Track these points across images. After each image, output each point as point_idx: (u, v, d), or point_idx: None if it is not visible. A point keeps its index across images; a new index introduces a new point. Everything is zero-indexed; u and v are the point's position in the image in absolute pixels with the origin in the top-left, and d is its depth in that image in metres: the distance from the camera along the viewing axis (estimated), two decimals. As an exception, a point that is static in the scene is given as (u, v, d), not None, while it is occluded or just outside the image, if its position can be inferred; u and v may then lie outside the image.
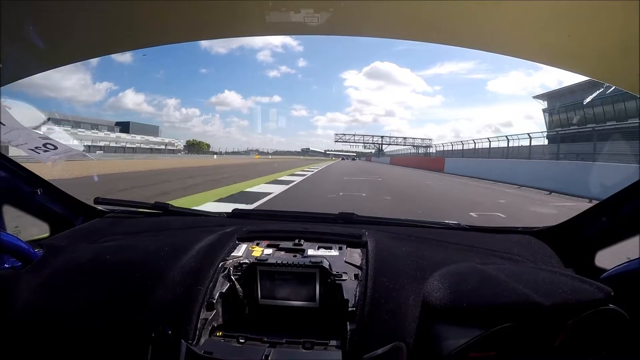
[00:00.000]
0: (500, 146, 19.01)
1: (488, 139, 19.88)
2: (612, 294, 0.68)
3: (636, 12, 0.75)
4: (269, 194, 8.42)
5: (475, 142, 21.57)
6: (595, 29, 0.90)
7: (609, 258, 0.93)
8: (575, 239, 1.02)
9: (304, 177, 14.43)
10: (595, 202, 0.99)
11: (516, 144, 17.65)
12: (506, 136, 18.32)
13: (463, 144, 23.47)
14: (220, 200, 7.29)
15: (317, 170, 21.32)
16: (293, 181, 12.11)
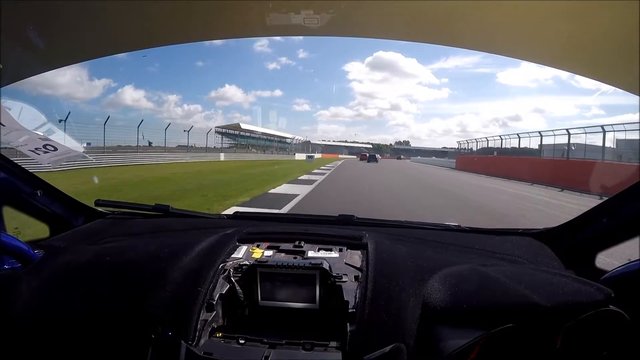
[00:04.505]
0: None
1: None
2: (613, 295, 0.68)
3: (636, 12, 0.75)
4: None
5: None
6: (595, 30, 0.90)
7: (609, 259, 0.93)
8: (575, 241, 1.02)
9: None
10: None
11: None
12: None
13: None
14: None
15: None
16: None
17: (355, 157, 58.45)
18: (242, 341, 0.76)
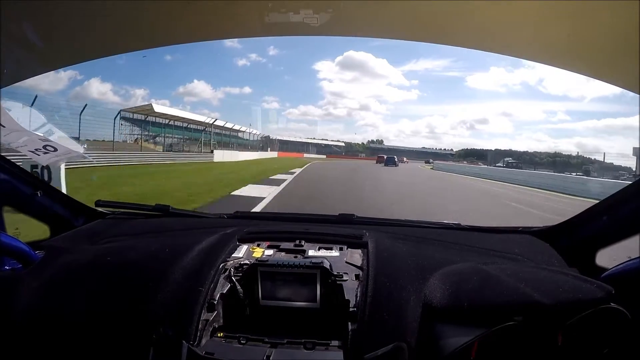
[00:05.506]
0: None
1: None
2: (613, 292, 0.68)
3: (636, 12, 0.76)
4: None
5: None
6: (595, 29, 0.90)
7: (609, 257, 0.93)
8: (575, 239, 1.02)
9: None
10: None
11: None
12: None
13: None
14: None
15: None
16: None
17: (325, 157, 48.54)
18: (243, 341, 0.76)
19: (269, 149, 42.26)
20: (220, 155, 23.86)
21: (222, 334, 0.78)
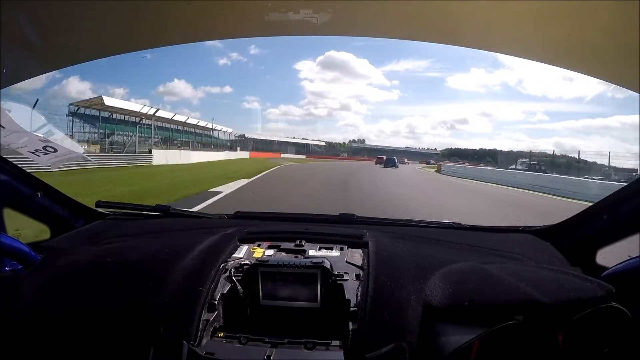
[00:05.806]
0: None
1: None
2: (614, 291, 0.68)
3: (636, 12, 0.76)
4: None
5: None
6: (595, 28, 0.91)
7: (610, 256, 0.93)
8: (576, 238, 1.02)
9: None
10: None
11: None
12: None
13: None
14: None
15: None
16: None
17: (304, 157, 45.26)
18: (243, 341, 0.76)
19: (238, 148, 37.17)
20: (163, 157, 18.38)
21: (222, 334, 0.78)
